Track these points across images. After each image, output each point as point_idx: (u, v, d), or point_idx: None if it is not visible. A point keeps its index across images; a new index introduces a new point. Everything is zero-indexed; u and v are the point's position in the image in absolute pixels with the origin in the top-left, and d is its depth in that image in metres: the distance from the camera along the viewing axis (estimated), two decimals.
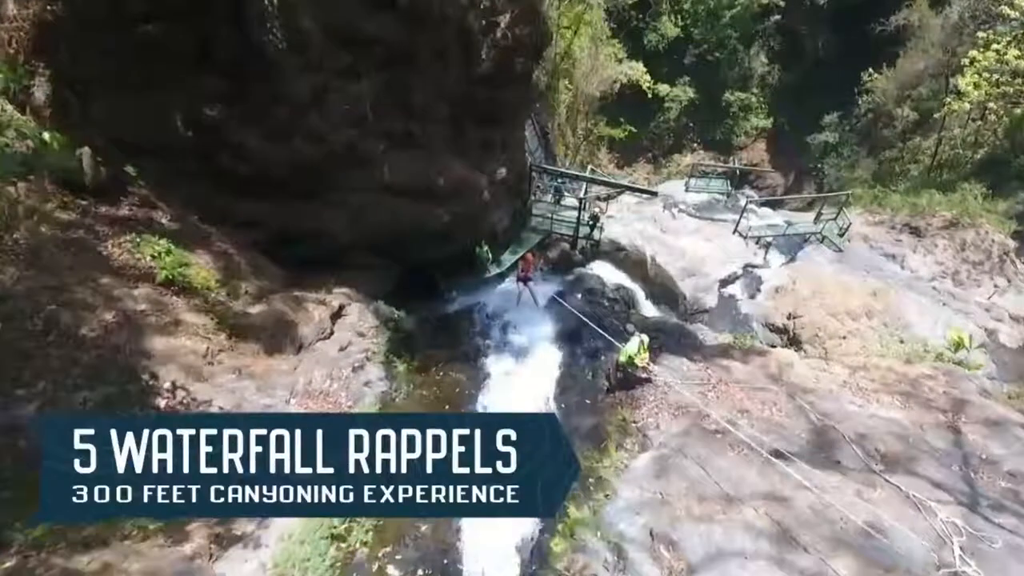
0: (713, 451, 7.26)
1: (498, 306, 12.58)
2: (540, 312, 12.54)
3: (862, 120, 33.60)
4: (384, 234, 12.98)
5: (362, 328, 10.41)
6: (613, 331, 10.94)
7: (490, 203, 14.33)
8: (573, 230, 16.91)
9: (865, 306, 18.44)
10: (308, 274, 12.26)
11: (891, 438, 8.04)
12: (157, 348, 6.64)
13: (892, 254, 21.26)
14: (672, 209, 26.11)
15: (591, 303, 13.23)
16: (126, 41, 9.06)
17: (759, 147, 36.94)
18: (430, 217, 13.40)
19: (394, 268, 14.27)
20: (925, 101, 30.04)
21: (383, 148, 11.75)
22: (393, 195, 12.50)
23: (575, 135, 26.97)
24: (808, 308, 18.77)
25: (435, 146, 12.65)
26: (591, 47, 23.86)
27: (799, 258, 21.83)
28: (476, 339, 11.64)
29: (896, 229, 22.30)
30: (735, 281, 20.84)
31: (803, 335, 18.44)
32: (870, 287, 19.38)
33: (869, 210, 24.91)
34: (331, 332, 9.88)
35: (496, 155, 13.90)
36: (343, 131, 10.95)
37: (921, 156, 30.62)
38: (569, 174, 17.82)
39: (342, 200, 11.95)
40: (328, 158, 11.04)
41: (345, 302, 10.84)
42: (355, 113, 10.94)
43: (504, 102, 13.06)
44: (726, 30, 34.82)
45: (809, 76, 35.07)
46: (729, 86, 35.78)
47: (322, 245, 12.36)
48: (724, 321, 19.38)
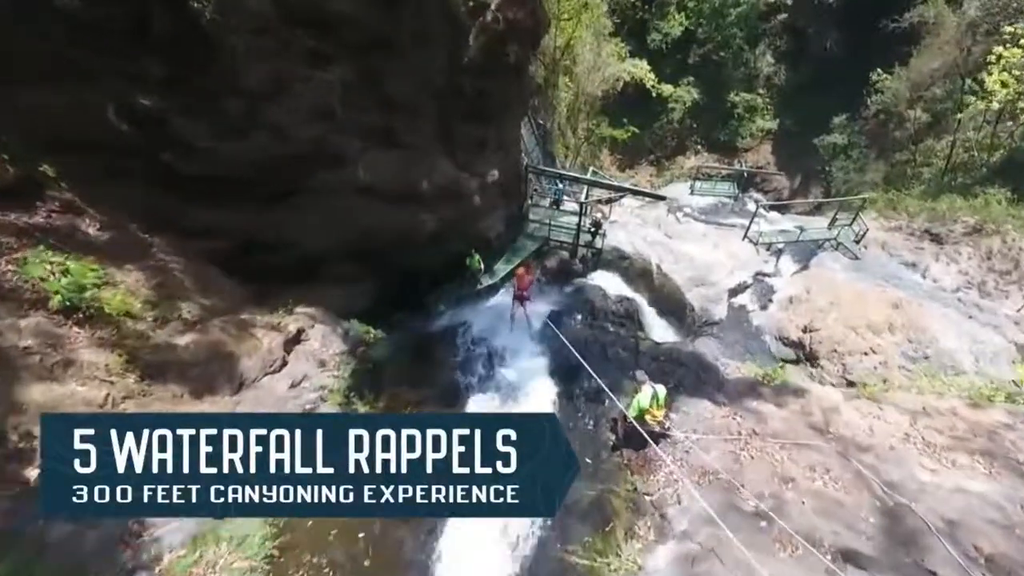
0: (757, 549, 5.19)
1: (487, 327, 10.74)
2: (534, 338, 10.54)
3: (870, 122, 31.88)
4: (362, 242, 11.35)
5: (324, 356, 8.73)
6: (618, 365, 9.14)
7: (482, 208, 12.67)
8: (573, 237, 15.21)
9: (887, 319, 16.75)
10: (275, 289, 10.62)
11: (992, 529, 5.90)
12: (33, 399, 5.03)
13: (912, 262, 19.50)
14: (677, 213, 24.46)
15: (593, 326, 11.33)
16: (43, 17, 7.42)
17: (764, 149, 35.15)
18: (414, 223, 11.77)
19: (375, 280, 12.61)
20: (939, 102, 28.33)
21: (358, 146, 10.11)
22: (371, 199, 10.86)
23: (576, 136, 25.25)
24: (825, 321, 17.09)
25: (419, 144, 11.00)
26: (593, 42, 22.16)
27: (812, 265, 20.10)
28: (456, 373, 9.34)
29: (915, 235, 20.53)
30: (745, 290, 19.14)
31: (820, 350, 16.77)
32: (891, 298, 17.67)
33: (883, 214, 23.16)
34: (284, 363, 8.20)
35: (488, 155, 12.23)
36: (309, 126, 9.30)
37: (934, 159, 28.89)
38: (569, 176, 16.16)
39: (312, 205, 10.31)
40: (293, 157, 9.39)
41: (307, 324, 9.16)
42: (323, 105, 9.29)
43: (496, 96, 11.40)
44: (731, 29, 33.08)
45: (816, 76, 33.28)
46: (734, 86, 34.05)
47: (291, 256, 10.72)
48: (735, 334, 17.71)
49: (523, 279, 10.92)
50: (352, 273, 12.08)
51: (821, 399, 7.75)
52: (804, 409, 7.48)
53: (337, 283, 11.94)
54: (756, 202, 28.07)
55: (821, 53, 32.83)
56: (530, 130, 18.51)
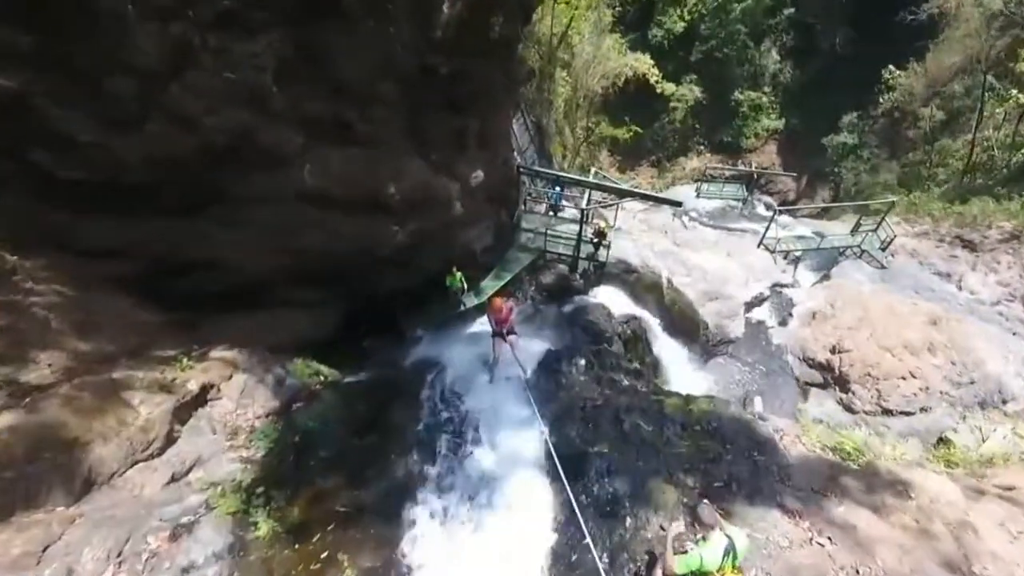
0: None
1: (464, 372, 8.17)
2: (521, 396, 7.45)
3: (880, 121, 29.51)
4: (316, 262, 8.91)
5: (240, 421, 6.34)
6: (640, 448, 6.25)
7: (464, 216, 10.23)
8: (573, 249, 12.78)
9: (926, 338, 14.37)
10: (207, 320, 8.23)
11: None
12: None
13: (946, 272, 17.06)
14: (683, 217, 22.02)
15: (601, 379, 8.18)
16: None
17: (769, 150, 32.78)
18: (380, 237, 9.32)
19: (338, 303, 10.19)
20: (957, 98, 25.90)
21: (300, 141, 7.65)
22: (324, 208, 8.42)
23: (574, 135, 22.76)
24: (856, 339, 14.71)
25: (381, 140, 8.55)
26: (593, 30, 19.70)
27: (833, 275, 17.68)
28: (412, 456, 6.43)
29: (946, 242, 18.09)
30: (762, 303, 16.72)
31: (851, 374, 14.39)
32: (928, 313, 15.27)
33: (904, 218, 20.74)
34: (170, 440, 5.77)
35: (470, 153, 9.78)
36: (229, 113, 6.86)
37: (950, 159, 26.54)
38: (569, 178, 13.72)
39: (244, 216, 7.87)
40: (206, 154, 6.96)
41: (221, 375, 6.74)
42: (248, 87, 6.86)
43: (477, 80, 8.95)
44: (735, 25, 30.68)
45: (824, 73, 30.92)
46: (738, 85, 31.75)
47: (226, 279, 8.29)
48: (753, 353, 15.31)
49: (500, 311, 8.26)
50: (308, 297, 9.65)
51: (935, 499, 5.25)
52: (920, 523, 5.02)
53: (289, 309, 9.52)
54: (767, 205, 25.70)
55: (829, 49, 30.50)
56: (523, 127, 16.06)
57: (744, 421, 6.71)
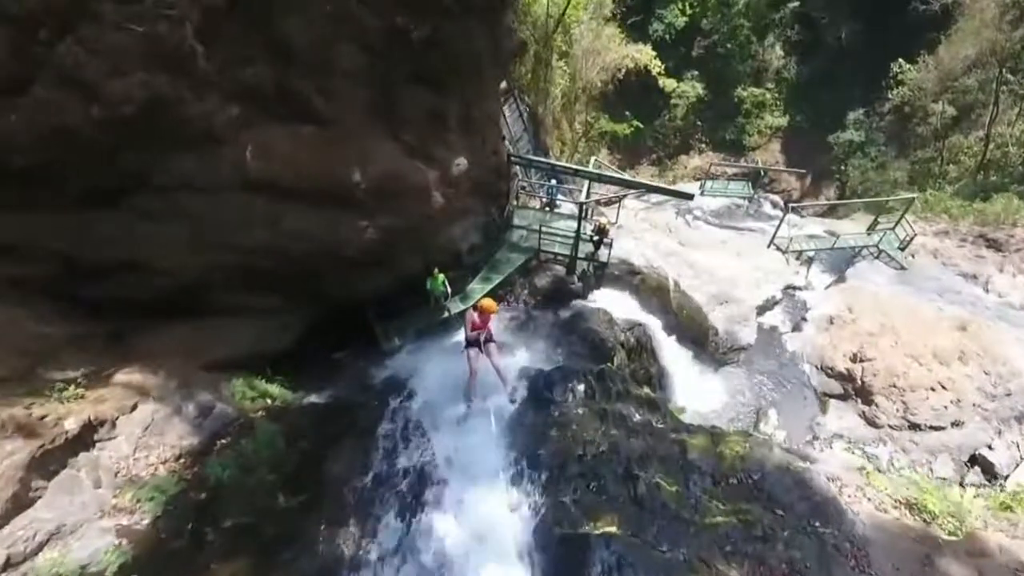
0: None
1: (435, 399, 6.70)
2: (503, 435, 5.92)
3: (887, 117, 28.02)
4: (267, 261, 7.42)
5: (140, 468, 4.86)
6: (664, 521, 4.50)
7: (446, 210, 8.74)
8: (571, 248, 11.29)
9: (955, 346, 12.88)
10: (128, 334, 6.76)
11: None
12: None
13: (971, 273, 15.56)
14: (686, 216, 20.59)
15: (605, 414, 6.25)
16: None
17: (773, 147, 31.23)
18: (345, 234, 7.84)
19: (301, 309, 8.71)
20: (969, 93, 24.42)
21: (235, 114, 6.17)
22: (273, 198, 6.94)
23: (572, 129, 21.25)
24: (879, 347, 13.22)
25: (342, 118, 7.07)
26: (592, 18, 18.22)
27: (848, 276, 16.21)
28: (349, 527, 4.69)
29: (968, 241, 16.60)
30: (774, 307, 15.23)
31: (875, 384, 12.89)
32: (955, 318, 13.79)
33: (920, 217, 19.26)
34: (20, 506, 4.25)
35: (451, 136, 8.29)
36: (138, 76, 5.38)
37: (962, 156, 25.11)
38: (567, 168, 12.06)
39: (171, 207, 6.38)
40: (113, 128, 5.47)
41: (126, 403, 5.27)
42: (162, 44, 5.38)
43: (457, 47, 7.46)
44: (738, 19, 29.17)
45: (829, 69, 29.44)
46: (741, 81, 30.20)
47: (147, 284, 6.80)
48: (767, 362, 13.81)
49: (475, 320, 6.72)
50: (262, 303, 8.16)
51: None
52: None
53: (238, 317, 8.04)
54: (774, 204, 24.23)
55: (835, 44, 28.98)
56: (516, 114, 14.54)
57: (795, 471, 5.07)
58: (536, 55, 15.25)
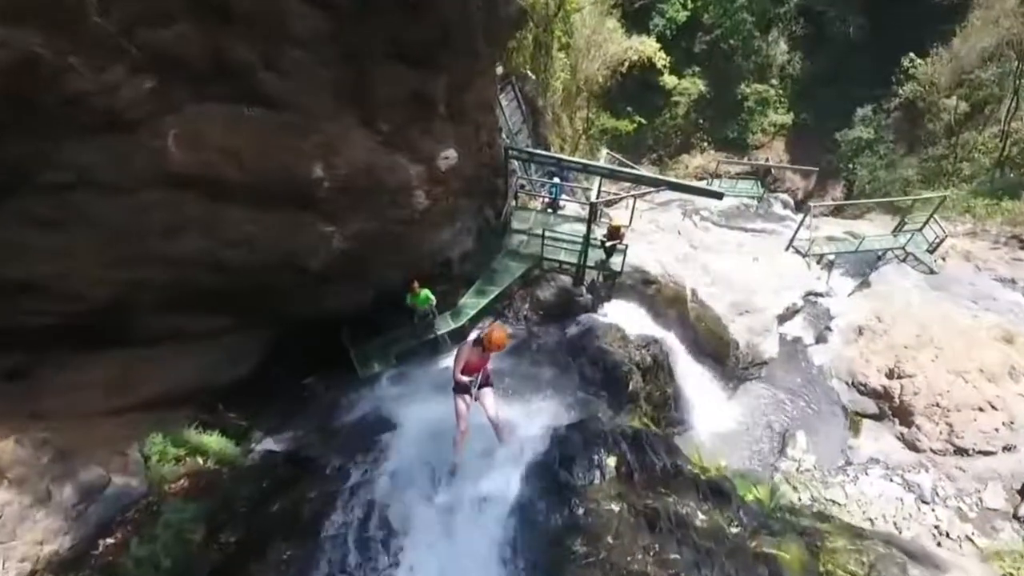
0: None
1: (409, 471, 4.87)
2: (499, 547, 4.00)
3: (895, 114, 26.75)
4: (205, 278, 5.89)
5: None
6: None
7: (432, 212, 7.23)
8: (578, 255, 9.77)
9: (1005, 361, 11.43)
10: (35, 370, 5.26)
11: None
12: None
13: (1009, 278, 14.15)
14: (693, 217, 19.14)
15: (650, 513, 4.11)
16: None
17: (777, 146, 29.92)
18: (306, 241, 6.32)
19: (255, 332, 7.18)
20: (985, 87, 23.15)
21: (151, 89, 4.64)
22: (211, 198, 5.42)
23: (572, 126, 19.79)
24: (918, 361, 11.78)
25: (299, 100, 5.55)
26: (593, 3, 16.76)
27: (873, 281, 14.80)
28: None
29: (1002, 243, 15.21)
30: (795, 315, 13.79)
31: (915, 404, 11.43)
32: (996, 327, 12.36)
33: (942, 217, 17.92)
34: None
35: (436, 124, 6.78)
36: (11, 37, 3.86)
37: (976, 153, 23.86)
38: (574, 163, 10.40)
39: (72, 211, 4.85)
40: None
41: None
42: None
43: (445, 12, 5.96)
44: (741, 13, 27.85)
45: (835, 65, 28.16)
46: (744, 78, 28.89)
47: (47, 308, 5.27)
48: (791, 377, 12.35)
49: (471, 359, 5.02)
50: (208, 325, 6.63)
51: None
52: None
53: (182, 344, 6.50)
54: (784, 203, 22.84)
55: (842, 38, 27.69)
56: (515, 103, 12.98)
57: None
58: (536, 40, 13.79)
